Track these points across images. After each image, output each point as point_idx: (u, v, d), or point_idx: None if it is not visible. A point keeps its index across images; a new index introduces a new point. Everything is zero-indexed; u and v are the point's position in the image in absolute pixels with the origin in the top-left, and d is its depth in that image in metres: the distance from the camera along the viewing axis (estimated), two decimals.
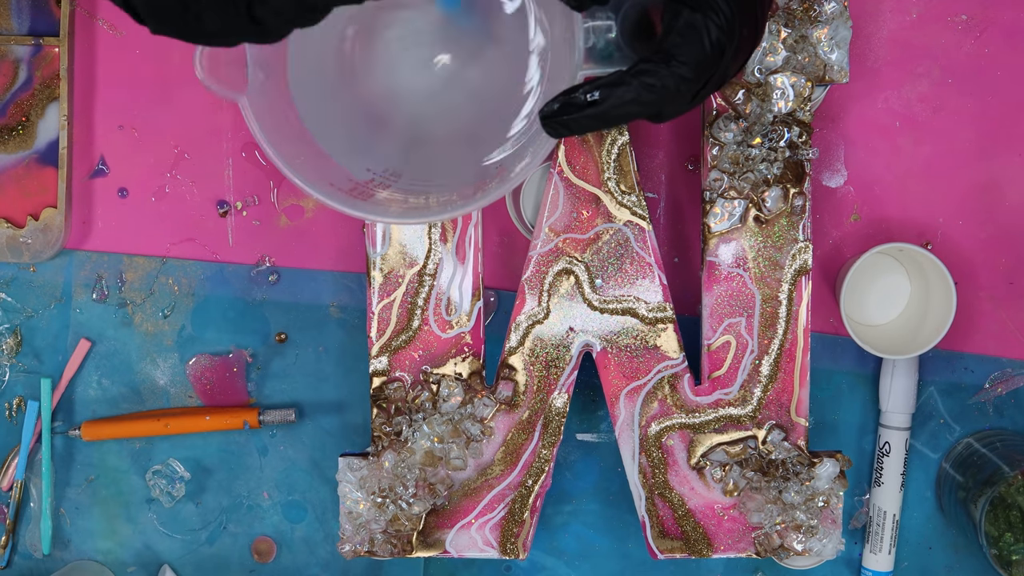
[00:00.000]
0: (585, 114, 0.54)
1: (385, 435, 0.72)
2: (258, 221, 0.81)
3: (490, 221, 0.79)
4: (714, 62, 0.54)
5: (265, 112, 0.62)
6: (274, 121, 0.63)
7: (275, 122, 0.63)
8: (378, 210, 0.63)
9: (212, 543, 0.83)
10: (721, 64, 0.54)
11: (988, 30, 0.78)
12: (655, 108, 0.54)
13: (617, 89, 0.53)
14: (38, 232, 0.80)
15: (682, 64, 0.53)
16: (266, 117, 0.62)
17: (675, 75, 0.53)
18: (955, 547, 0.81)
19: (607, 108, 0.54)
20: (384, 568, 0.82)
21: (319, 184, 0.62)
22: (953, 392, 0.80)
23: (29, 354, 0.82)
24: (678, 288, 0.78)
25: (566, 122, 0.54)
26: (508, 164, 0.65)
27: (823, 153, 0.79)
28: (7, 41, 0.80)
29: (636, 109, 0.54)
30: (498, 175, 0.63)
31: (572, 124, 0.54)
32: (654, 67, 0.53)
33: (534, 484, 0.72)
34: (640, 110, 0.54)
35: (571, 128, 0.55)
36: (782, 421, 0.71)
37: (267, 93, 0.63)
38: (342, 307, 0.81)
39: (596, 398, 0.80)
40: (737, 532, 0.72)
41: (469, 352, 0.72)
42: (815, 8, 0.68)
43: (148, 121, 0.81)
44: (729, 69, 0.55)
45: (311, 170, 0.63)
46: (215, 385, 0.82)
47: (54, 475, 0.82)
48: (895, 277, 0.79)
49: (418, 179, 0.67)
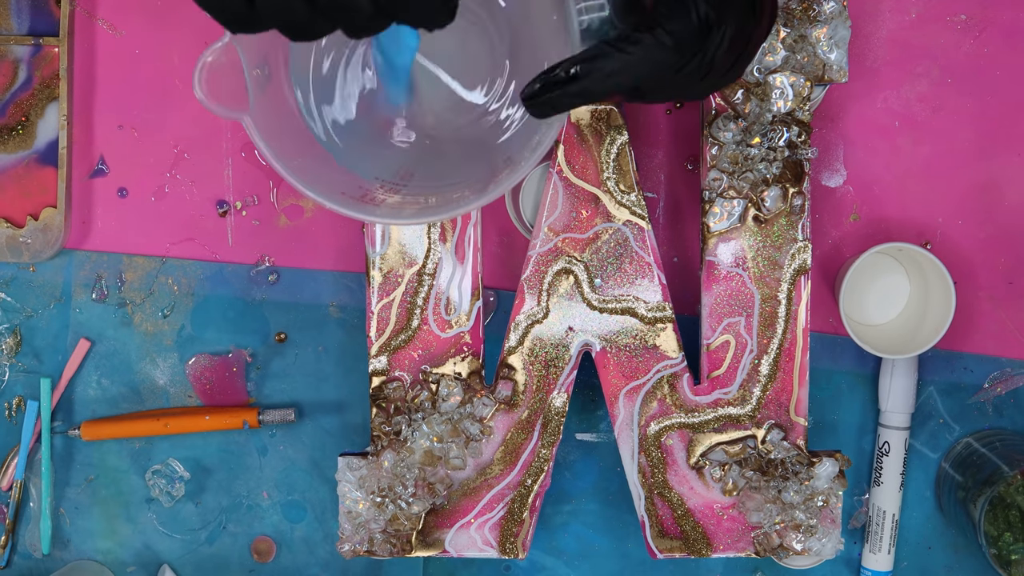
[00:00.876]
0: (567, 91, 0.53)
1: (384, 435, 0.72)
2: (258, 221, 0.81)
3: (489, 221, 0.79)
4: (700, 37, 0.52)
5: (270, 127, 0.61)
6: (280, 134, 0.62)
7: (281, 135, 0.62)
8: (392, 213, 0.62)
9: (212, 543, 0.83)
10: (709, 43, 0.53)
11: (987, 30, 0.78)
12: (636, 79, 0.53)
13: (597, 61, 0.53)
14: (38, 232, 0.80)
15: (666, 34, 0.52)
16: (271, 132, 0.61)
17: (658, 43, 0.52)
18: (955, 547, 0.81)
19: (588, 82, 0.53)
20: (383, 568, 0.82)
21: (331, 194, 0.62)
22: (952, 392, 0.80)
23: (29, 354, 0.82)
24: (677, 288, 0.78)
25: (549, 100, 0.53)
26: (516, 152, 0.64)
27: (822, 153, 0.79)
28: (7, 41, 0.80)
29: (618, 80, 0.53)
30: (507, 166, 0.63)
31: (556, 102, 0.54)
32: (637, 36, 0.52)
33: (533, 484, 0.72)
34: (622, 81, 0.53)
35: (555, 106, 0.54)
36: (781, 421, 0.71)
37: (269, 107, 0.62)
38: (342, 307, 0.81)
39: (595, 398, 0.80)
40: (736, 532, 0.72)
41: (468, 352, 0.72)
42: (814, 8, 0.68)
43: (148, 121, 0.81)
44: (718, 55, 0.54)
45: (321, 179, 0.63)
46: (215, 385, 0.82)
47: (54, 475, 0.82)
48: (894, 277, 0.79)
49: (429, 180, 0.67)
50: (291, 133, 0.65)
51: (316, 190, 0.61)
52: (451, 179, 0.67)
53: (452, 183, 0.67)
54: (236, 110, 0.60)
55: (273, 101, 0.63)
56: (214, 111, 0.59)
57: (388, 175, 0.67)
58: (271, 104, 0.63)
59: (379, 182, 0.66)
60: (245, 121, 0.60)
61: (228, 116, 0.60)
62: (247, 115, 0.60)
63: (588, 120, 0.70)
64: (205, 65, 0.59)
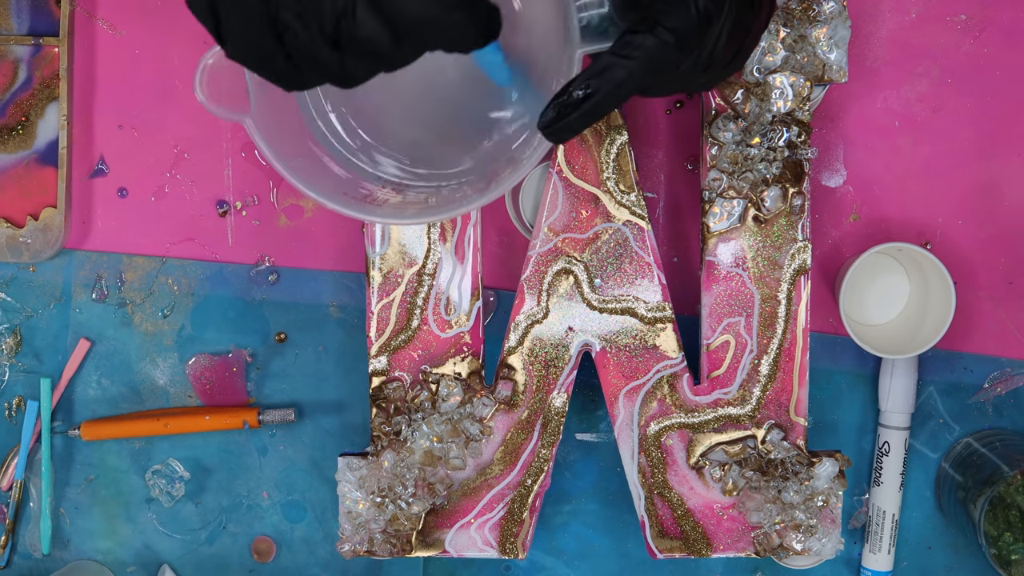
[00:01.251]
0: (582, 111, 0.54)
1: (384, 435, 0.72)
2: (258, 221, 0.81)
3: (489, 221, 0.79)
4: (700, 31, 0.53)
5: (271, 127, 0.61)
6: (281, 134, 0.62)
7: (282, 135, 0.62)
8: (394, 213, 0.62)
9: (212, 543, 0.83)
10: (708, 37, 0.53)
11: (987, 30, 0.78)
12: (645, 82, 0.53)
13: (606, 74, 0.53)
14: (38, 232, 0.80)
15: (667, 31, 0.52)
16: (272, 132, 0.61)
17: (659, 42, 0.52)
18: (954, 547, 0.81)
19: (601, 98, 0.53)
20: (383, 568, 0.82)
21: (335, 195, 0.62)
22: (952, 392, 0.80)
23: (29, 354, 0.82)
24: (677, 288, 0.78)
25: (567, 125, 0.54)
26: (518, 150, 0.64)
27: (822, 153, 0.79)
28: (7, 41, 0.80)
29: (628, 89, 0.53)
30: (509, 165, 0.63)
31: (573, 124, 0.54)
32: (639, 39, 0.53)
33: (533, 484, 0.72)
34: (632, 89, 0.53)
35: (573, 128, 0.54)
36: (781, 421, 0.71)
37: (271, 107, 0.62)
38: (341, 307, 0.81)
39: (595, 398, 0.80)
40: (736, 532, 0.72)
41: (468, 352, 0.72)
42: (814, 8, 0.68)
43: (148, 121, 0.81)
44: (718, 47, 0.54)
45: (323, 180, 0.63)
46: (215, 385, 0.82)
47: (54, 475, 0.82)
48: (894, 277, 0.79)
49: (431, 180, 0.67)
50: (292, 133, 0.65)
51: (318, 190, 0.61)
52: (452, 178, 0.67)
53: (453, 182, 0.67)
54: (238, 112, 0.60)
55: (275, 101, 0.63)
56: (216, 113, 0.59)
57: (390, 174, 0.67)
58: (273, 104, 0.63)
59: (380, 182, 0.66)
60: (247, 123, 0.60)
61: (230, 118, 0.60)
62: (249, 117, 0.60)
63: None
64: (206, 67, 0.59)
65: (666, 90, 0.56)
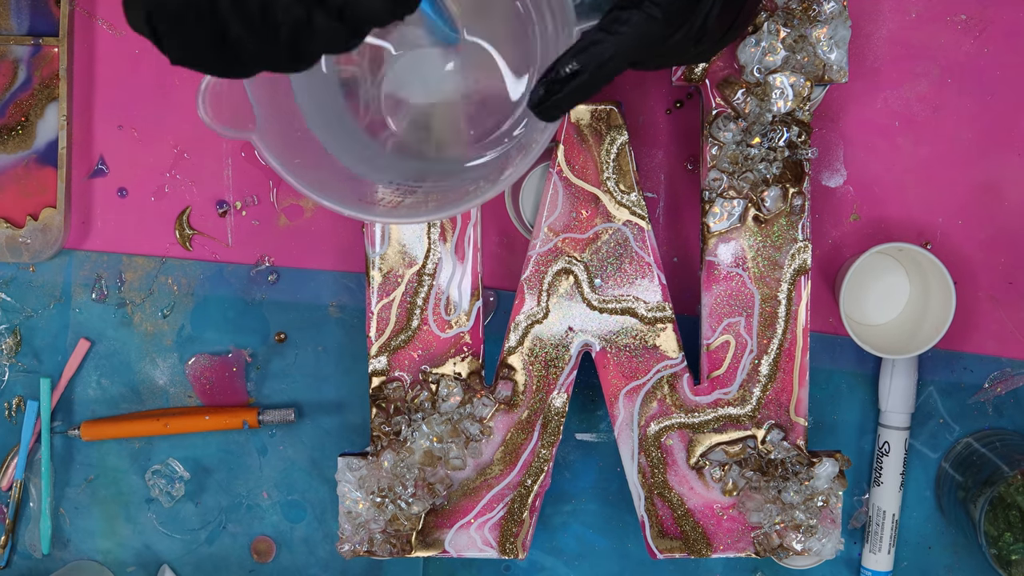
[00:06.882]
0: (571, 87, 0.53)
1: (384, 435, 0.72)
2: (257, 221, 0.81)
3: (489, 221, 0.79)
4: (689, 5, 0.53)
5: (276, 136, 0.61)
6: (290, 149, 0.62)
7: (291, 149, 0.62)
8: (411, 213, 0.62)
9: (211, 543, 0.83)
10: (699, 11, 0.53)
11: (988, 30, 0.78)
12: (634, 56, 0.53)
13: (592, 50, 0.53)
14: (37, 232, 0.80)
15: (654, 4, 0.52)
16: (281, 148, 0.61)
17: (647, 16, 0.52)
18: (955, 547, 0.81)
19: (588, 75, 0.53)
20: (383, 568, 0.82)
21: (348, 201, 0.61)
22: (952, 392, 0.80)
23: (29, 354, 0.82)
24: (677, 288, 0.78)
25: (556, 102, 0.54)
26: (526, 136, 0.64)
27: (822, 153, 0.79)
28: (7, 41, 0.80)
29: (616, 65, 0.53)
30: (520, 151, 0.63)
31: (563, 102, 0.54)
32: (626, 14, 0.53)
33: (533, 484, 0.72)
34: (620, 64, 0.53)
35: (563, 106, 0.54)
36: (781, 421, 0.71)
37: (275, 117, 0.62)
38: (341, 307, 0.81)
39: (595, 398, 0.80)
40: (736, 532, 0.72)
41: (468, 352, 0.72)
42: (814, 8, 0.68)
43: (148, 121, 0.81)
44: (710, 21, 0.54)
45: (335, 187, 0.63)
46: (214, 385, 0.82)
47: (53, 475, 0.82)
48: (894, 277, 0.79)
49: (441, 178, 0.67)
50: (297, 141, 0.65)
51: (326, 196, 0.61)
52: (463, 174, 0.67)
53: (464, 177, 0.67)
54: (243, 129, 0.60)
55: (279, 112, 0.63)
56: (221, 133, 0.59)
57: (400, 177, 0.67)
58: (276, 114, 0.62)
59: (392, 185, 0.66)
60: (253, 140, 0.60)
61: (236, 136, 0.60)
62: (254, 134, 0.60)
63: (588, 120, 0.70)
64: (208, 86, 0.59)
65: (658, 63, 0.56)
